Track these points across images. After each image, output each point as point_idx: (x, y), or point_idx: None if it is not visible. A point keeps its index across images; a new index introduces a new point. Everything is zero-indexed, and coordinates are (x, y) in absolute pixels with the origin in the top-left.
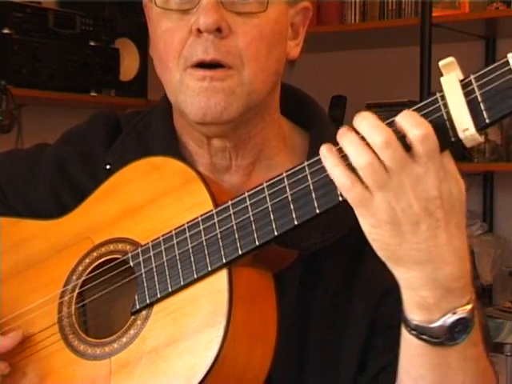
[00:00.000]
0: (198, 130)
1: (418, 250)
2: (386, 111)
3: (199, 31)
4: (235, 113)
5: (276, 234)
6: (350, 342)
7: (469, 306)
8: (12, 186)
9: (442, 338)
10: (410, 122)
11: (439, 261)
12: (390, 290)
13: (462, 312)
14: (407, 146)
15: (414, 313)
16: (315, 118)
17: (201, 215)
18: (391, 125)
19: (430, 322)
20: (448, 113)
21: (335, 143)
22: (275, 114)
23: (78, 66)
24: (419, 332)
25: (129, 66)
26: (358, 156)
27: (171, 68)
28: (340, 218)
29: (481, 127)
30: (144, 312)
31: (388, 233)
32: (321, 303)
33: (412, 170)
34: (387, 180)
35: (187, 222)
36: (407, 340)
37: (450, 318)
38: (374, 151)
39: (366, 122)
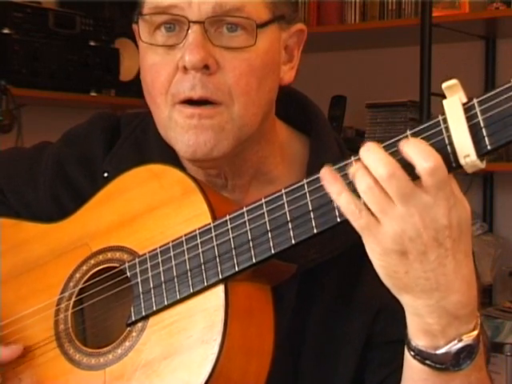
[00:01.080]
0: (191, 162)
1: (426, 278)
2: (386, 111)
3: (185, 68)
4: (226, 149)
5: (273, 252)
6: (345, 357)
7: (475, 333)
8: (12, 186)
9: (446, 364)
10: (418, 154)
11: (447, 289)
12: (385, 307)
13: (468, 339)
14: (415, 174)
15: (418, 338)
16: (315, 122)
17: (198, 228)
18: (397, 153)
19: (436, 349)
20: (449, 137)
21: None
22: (271, 133)
23: (78, 66)
24: (423, 357)
25: (129, 66)
26: (360, 180)
27: (159, 104)
28: (339, 235)
29: (482, 154)
30: (140, 324)
31: (395, 261)
32: (317, 318)
33: (420, 199)
34: (393, 207)
35: (185, 235)
36: (410, 364)
37: (455, 346)
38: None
39: (370, 154)
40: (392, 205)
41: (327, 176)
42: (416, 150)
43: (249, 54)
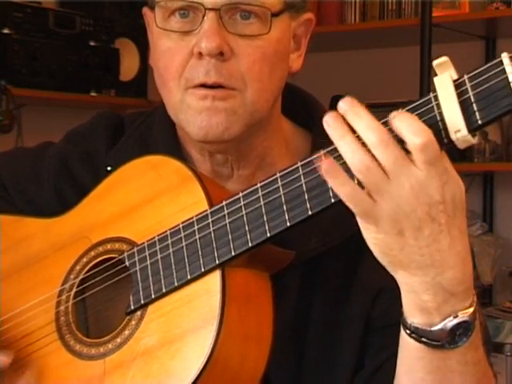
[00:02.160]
0: (200, 145)
1: (421, 254)
2: (386, 111)
3: (201, 54)
4: (237, 132)
5: (268, 235)
6: (347, 343)
7: (470, 310)
8: (15, 183)
9: (442, 341)
10: (409, 130)
11: (442, 265)
12: (383, 290)
13: (464, 315)
14: (406, 149)
15: (414, 316)
16: (317, 117)
17: (195, 215)
18: (387, 124)
19: (431, 326)
20: (441, 113)
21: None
22: (277, 123)
23: (78, 65)
24: (419, 335)
25: (129, 65)
26: (354, 157)
27: (171, 87)
28: (339, 224)
29: (473, 128)
30: (139, 312)
31: (390, 238)
32: (319, 306)
33: (412, 174)
34: (387, 182)
35: (182, 222)
36: (406, 343)
37: (451, 322)
38: (371, 152)
39: (361, 120)
40: (387, 181)
41: (323, 165)
42: (407, 126)
43: (262, 41)
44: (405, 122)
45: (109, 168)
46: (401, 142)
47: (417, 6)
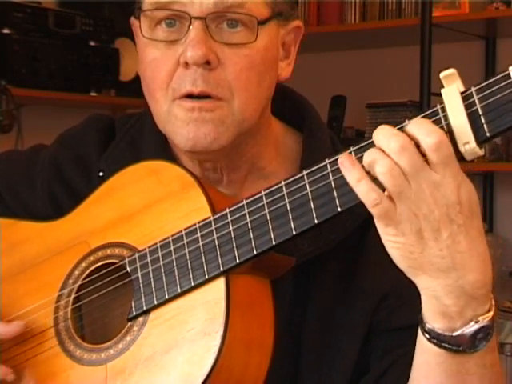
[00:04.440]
0: (189, 154)
1: (442, 256)
2: (386, 111)
3: (187, 64)
4: (225, 142)
5: (274, 243)
6: (346, 346)
7: (490, 314)
8: (8, 187)
9: (463, 346)
10: (422, 131)
11: (464, 268)
12: (388, 295)
13: (484, 320)
14: (422, 154)
15: (435, 321)
16: (308, 119)
17: (198, 222)
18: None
19: (452, 331)
20: (448, 125)
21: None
22: (267, 127)
23: (78, 66)
24: (440, 340)
25: (129, 65)
26: (379, 162)
27: (158, 98)
28: (333, 226)
29: (481, 141)
30: (141, 318)
31: (410, 241)
32: (315, 309)
33: (429, 177)
34: (407, 186)
35: (184, 229)
36: (426, 348)
37: (472, 327)
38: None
39: (381, 131)
40: (407, 184)
41: (346, 162)
42: (419, 128)
43: (249, 50)
44: (417, 125)
45: (101, 174)
46: (417, 147)
47: (417, 6)
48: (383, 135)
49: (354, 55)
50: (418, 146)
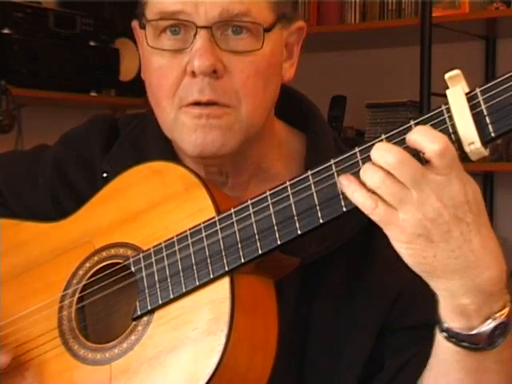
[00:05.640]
0: (195, 158)
1: (455, 257)
2: (386, 111)
3: (194, 73)
4: (233, 148)
5: (279, 243)
6: (354, 346)
7: (506, 310)
8: (10, 188)
9: (481, 343)
10: (426, 139)
11: (478, 266)
12: (403, 292)
13: (501, 317)
14: (423, 160)
15: (453, 321)
16: (311, 119)
17: (203, 222)
18: (402, 143)
19: (470, 329)
20: (453, 126)
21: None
22: (270, 129)
23: (78, 66)
24: (459, 340)
25: (129, 65)
26: (372, 177)
27: (165, 106)
28: (339, 227)
29: (486, 141)
30: (145, 318)
31: (421, 246)
32: (321, 311)
33: (434, 181)
34: (407, 193)
35: (189, 229)
36: (444, 347)
37: (490, 324)
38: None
39: (377, 150)
40: (407, 191)
41: (342, 180)
42: (422, 136)
43: (255, 56)
44: (419, 133)
45: (105, 174)
46: (416, 156)
47: (417, 6)
48: (380, 155)
49: (353, 55)
50: (419, 156)
